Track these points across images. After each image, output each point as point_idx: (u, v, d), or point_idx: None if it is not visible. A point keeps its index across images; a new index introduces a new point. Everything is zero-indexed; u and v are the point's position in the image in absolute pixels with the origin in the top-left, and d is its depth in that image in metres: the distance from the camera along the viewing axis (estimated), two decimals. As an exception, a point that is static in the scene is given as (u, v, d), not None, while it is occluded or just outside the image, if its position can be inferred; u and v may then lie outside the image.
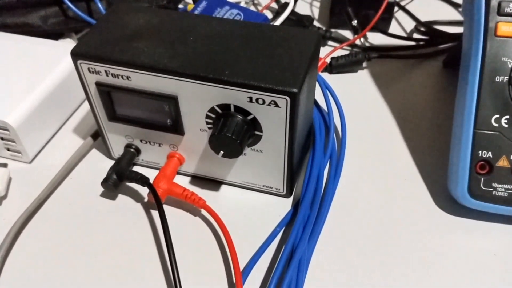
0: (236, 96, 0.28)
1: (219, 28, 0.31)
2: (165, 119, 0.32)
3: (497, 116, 0.31)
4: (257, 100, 0.28)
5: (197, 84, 0.29)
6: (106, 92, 0.31)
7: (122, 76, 0.30)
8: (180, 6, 0.52)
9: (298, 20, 0.48)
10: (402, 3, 0.55)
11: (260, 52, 0.29)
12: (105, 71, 0.30)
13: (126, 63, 0.29)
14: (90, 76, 0.31)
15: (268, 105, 0.28)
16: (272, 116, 0.29)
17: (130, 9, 0.33)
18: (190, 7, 0.46)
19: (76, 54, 0.30)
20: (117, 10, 0.33)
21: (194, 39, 0.30)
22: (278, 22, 0.46)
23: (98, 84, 0.31)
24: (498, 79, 0.31)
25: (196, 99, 0.29)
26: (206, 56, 0.29)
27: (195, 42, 0.30)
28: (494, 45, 0.31)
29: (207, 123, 0.31)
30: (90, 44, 0.30)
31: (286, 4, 0.48)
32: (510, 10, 0.30)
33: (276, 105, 0.28)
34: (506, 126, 0.31)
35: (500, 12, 0.30)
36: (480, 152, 0.31)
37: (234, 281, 0.28)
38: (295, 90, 0.27)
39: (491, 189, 0.31)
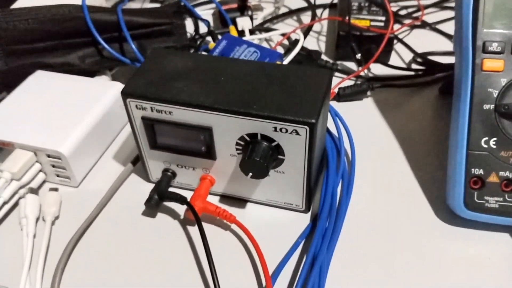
0: (263, 126, 0.33)
1: (245, 69, 0.37)
2: (200, 146, 0.37)
3: (486, 138, 0.36)
4: (281, 129, 0.33)
5: (229, 117, 0.34)
6: (150, 124, 0.37)
7: (165, 112, 0.35)
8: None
9: (307, 55, 0.54)
10: (400, 36, 0.61)
11: (281, 89, 0.35)
12: (151, 108, 0.35)
13: (169, 100, 0.34)
14: (137, 111, 0.36)
15: (290, 133, 0.33)
16: (294, 142, 0.34)
17: (167, 54, 0.39)
18: (212, 45, 0.52)
19: (126, 94, 0.35)
20: (155, 56, 0.39)
21: (225, 79, 0.36)
22: (290, 57, 0.52)
23: (144, 118, 0.36)
24: (486, 107, 0.36)
25: (228, 129, 0.35)
26: (236, 93, 0.34)
27: (226, 81, 0.36)
28: (481, 78, 0.36)
29: (237, 149, 0.36)
30: (137, 85, 0.36)
31: (297, 41, 0.54)
32: (493, 48, 0.36)
33: (297, 133, 0.33)
34: (494, 147, 0.36)
35: (484, 50, 0.36)
36: (473, 169, 0.36)
37: (265, 285, 0.33)
38: (313, 120, 0.32)
39: (484, 202, 0.36)
